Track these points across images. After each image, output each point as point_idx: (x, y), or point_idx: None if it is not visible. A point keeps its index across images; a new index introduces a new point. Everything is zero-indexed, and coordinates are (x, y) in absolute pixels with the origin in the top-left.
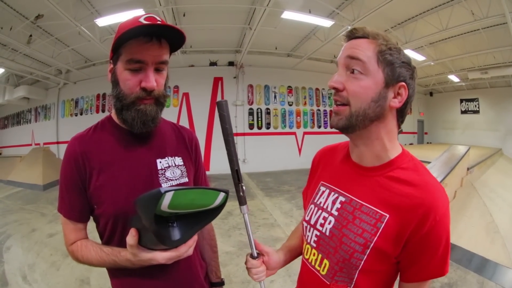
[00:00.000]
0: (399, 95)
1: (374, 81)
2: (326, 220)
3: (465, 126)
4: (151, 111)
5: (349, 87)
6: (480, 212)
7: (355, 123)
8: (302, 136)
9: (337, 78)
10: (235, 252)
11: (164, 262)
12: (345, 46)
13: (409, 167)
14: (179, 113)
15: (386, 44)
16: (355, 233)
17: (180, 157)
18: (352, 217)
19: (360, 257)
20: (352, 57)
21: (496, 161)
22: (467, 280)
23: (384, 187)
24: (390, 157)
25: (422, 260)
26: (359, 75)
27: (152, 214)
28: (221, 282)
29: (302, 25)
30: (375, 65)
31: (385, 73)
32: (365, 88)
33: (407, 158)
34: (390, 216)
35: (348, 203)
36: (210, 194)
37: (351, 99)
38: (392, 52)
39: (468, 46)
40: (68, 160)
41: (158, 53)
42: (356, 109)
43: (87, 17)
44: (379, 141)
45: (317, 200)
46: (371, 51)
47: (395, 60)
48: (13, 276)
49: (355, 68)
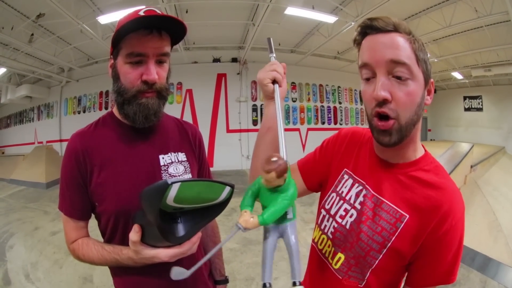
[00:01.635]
0: (429, 91)
1: (418, 84)
2: (348, 213)
3: (468, 123)
4: (153, 104)
5: (398, 96)
6: (483, 210)
7: (405, 134)
8: (306, 132)
9: (384, 86)
10: (239, 249)
11: (167, 260)
12: (376, 44)
13: (431, 169)
14: (183, 110)
15: (415, 38)
16: (374, 230)
17: (183, 153)
18: (372, 214)
19: (375, 256)
20: (397, 62)
21: (499, 159)
22: (470, 279)
23: (405, 186)
24: (416, 156)
25: (432, 263)
26: (406, 81)
27: (158, 206)
28: (225, 279)
29: (306, 21)
30: (416, 66)
31: (423, 73)
32: (413, 95)
33: (429, 160)
34: (410, 217)
35: (369, 198)
36: (216, 187)
37: (401, 111)
38: (423, 48)
39: (471, 43)
40: (69, 157)
41: (158, 45)
42: (406, 121)
43: (89, 15)
44: (413, 142)
45: (339, 189)
46: (409, 50)
47: (426, 56)
48: (16, 274)
49: (402, 75)
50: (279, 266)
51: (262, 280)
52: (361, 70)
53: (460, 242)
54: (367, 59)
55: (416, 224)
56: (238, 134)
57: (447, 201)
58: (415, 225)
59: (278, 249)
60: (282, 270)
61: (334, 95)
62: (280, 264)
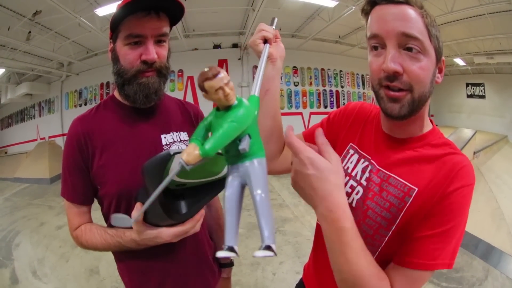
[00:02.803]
0: (440, 69)
1: (431, 60)
2: (354, 190)
3: (471, 110)
4: (153, 83)
5: (411, 70)
6: (486, 198)
7: (416, 109)
8: (308, 116)
9: (394, 59)
10: (244, 234)
11: (170, 240)
12: (387, 14)
13: (439, 144)
14: (184, 97)
15: (428, 13)
16: (382, 206)
17: (186, 132)
18: (379, 189)
19: (384, 234)
20: (409, 35)
21: (502, 147)
22: (473, 266)
23: (413, 160)
24: (423, 131)
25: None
26: (418, 55)
27: (160, 179)
28: (230, 263)
29: (306, 5)
30: (428, 41)
31: (435, 50)
32: (426, 70)
33: (438, 135)
34: (419, 190)
35: (375, 173)
36: (219, 159)
37: (415, 84)
38: (434, 24)
39: (473, 30)
40: (70, 141)
41: (157, 26)
42: (420, 94)
43: (86, 8)
44: (421, 118)
45: (344, 165)
46: (422, 24)
47: (438, 33)
48: (23, 272)
49: (414, 47)
50: (284, 250)
51: (224, 242)
52: (369, 41)
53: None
54: (377, 30)
55: (426, 197)
56: None
57: (457, 167)
58: (425, 198)
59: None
60: (287, 254)
61: (336, 79)
62: (285, 248)
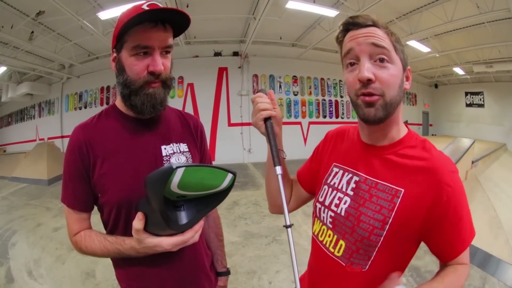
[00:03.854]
0: (407, 78)
1: (398, 68)
2: (342, 200)
3: (469, 119)
4: (159, 94)
5: (381, 77)
6: (484, 206)
7: (389, 111)
8: (307, 125)
9: (368, 69)
10: (241, 242)
11: (169, 249)
12: (359, 34)
13: (417, 144)
14: (184, 104)
15: (392, 32)
16: (373, 210)
17: (185, 144)
18: (369, 195)
19: (379, 233)
20: (378, 45)
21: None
22: (470, 275)
23: (396, 164)
24: (400, 136)
25: (454, 231)
26: (387, 64)
27: (162, 192)
28: (226, 271)
29: (307, 15)
30: (394, 53)
31: (401, 60)
32: (395, 77)
33: (414, 137)
34: (406, 190)
35: (363, 182)
36: (218, 174)
37: (385, 89)
38: (399, 40)
39: (473, 39)
40: (72, 149)
41: (164, 38)
42: (391, 98)
43: (89, 11)
44: (396, 123)
45: (330, 181)
46: (388, 40)
47: (402, 48)
48: (19, 272)
49: (383, 56)
50: (281, 259)
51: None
52: (345, 58)
53: (466, 200)
54: (351, 46)
55: (413, 196)
56: (240, 127)
57: (439, 167)
58: (412, 197)
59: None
60: (283, 263)
61: (335, 88)
62: (281, 257)
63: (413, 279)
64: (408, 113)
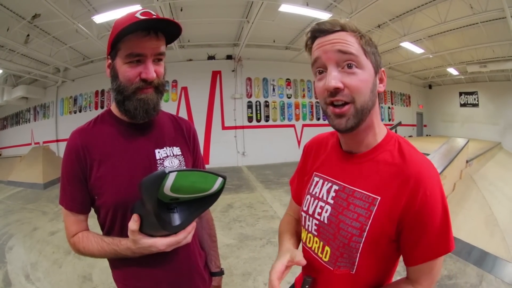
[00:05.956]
0: (381, 80)
1: (368, 73)
2: (323, 209)
3: (464, 119)
4: (152, 99)
5: (350, 83)
6: (479, 205)
7: (361, 118)
8: (301, 128)
9: (335, 77)
10: (235, 245)
11: (163, 249)
12: (325, 41)
13: (394, 148)
14: (178, 107)
15: (362, 34)
16: (351, 218)
17: (178, 147)
18: (347, 204)
19: (358, 240)
20: (345, 52)
21: (495, 154)
22: (466, 273)
23: (373, 171)
24: (377, 140)
25: (423, 239)
26: (356, 70)
27: (156, 195)
28: (220, 271)
29: (300, 18)
30: (364, 57)
31: (372, 63)
32: (365, 82)
33: (392, 139)
34: (382, 198)
35: (341, 190)
36: (209, 178)
37: (355, 95)
38: (370, 42)
39: (467, 39)
40: (69, 153)
41: (156, 46)
42: (361, 104)
43: (84, 14)
44: (372, 128)
45: (312, 191)
46: (356, 44)
47: (374, 50)
48: (16, 275)
49: (351, 63)
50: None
51: None
52: (313, 67)
53: (444, 209)
54: (318, 54)
55: (389, 203)
56: (234, 131)
57: (414, 173)
58: (388, 205)
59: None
60: None
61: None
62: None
63: None
64: (402, 114)
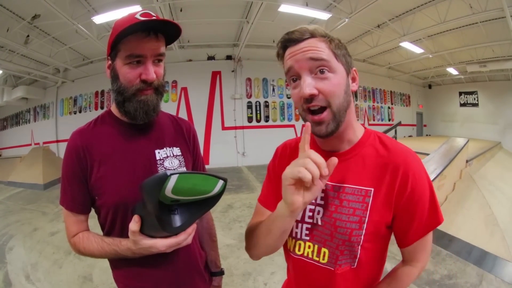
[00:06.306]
0: (354, 79)
1: (341, 75)
2: (314, 211)
3: (464, 119)
4: (152, 101)
5: (324, 88)
6: (479, 205)
7: (340, 120)
8: (301, 128)
9: (309, 84)
10: (235, 245)
11: (164, 250)
12: (297, 50)
13: (376, 142)
14: (178, 108)
15: (331, 39)
16: (348, 214)
17: (178, 148)
18: (339, 201)
19: (359, 233)
20: (316, 59)
21: (495, 154)
22: (466, 272)
23: (360, 166)
24: (358, 137)
25: (416, 218)
26: (328, 74)
27: (157, 196)
28: (220, 271)
29: (300, 18)
30: (335, 61)
31: (344, 65)
32: (338, 85)
33: (371, 135)
34: (375, 189)
35: (330, 190)
36: (210, 180)
37: (330, 99)
38: (340, 45)
39: (466, 39)
40: (70, 153)
41: (155, 47)
42: (337, 107)
43: (84, 15)
44: (350, 126)
45: None
46: (327, 48)
47: (344, 51)
48: (16, 276)
49: (323, 68)
50: (276, 261)
51: None
52: (287, 76)
53: (430, 187)
54: (291, 64)
55: (384, 192)
56: (234, 131)
57: (402, 162)
58: (383, 194)
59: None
60: (278, 265)
61: None
62: (276, 258)
63: None
64: (402, 114)
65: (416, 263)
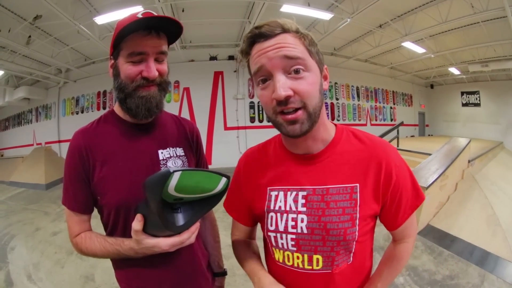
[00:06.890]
0: (325, 77)
1: (316, 74)
2: (297, 220)
3: (466, 118)
4: (155, 97)
5: (300, 89)
6: (481, 205)
7: (314, 120)
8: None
9: (284, 85)
10: None
11: (167, 249)
12: (268, 47)
13: (350, 137)
14: (180, 108)
15: (304, 34)
16: (337, 214)
17: (181, 148)
18: (325, 204)
19: (353, 231)
20: (291, 57)
21: (497, 154)
22: (468, 273)
23: (340, 163)
24: (332, 135)
25: (403, 201)
26: (304, 73)
27: (160, 194)
28: (223, 271)
29: (302, 18)
30: (310, 59)
31: (317, 63)
32: (313, 84)
33: (344, 131)
34: (361, 184)
35: (311, 194)
36: (213, 177)
37: (307, 100)
38: (313, 41)
39: (468, 39)
40: (72, 153)
41: (157, 44)
42: (313, 107)
43: (85, 15)
44: (323, 125)
45: (274, 207)
46: (301, 46)
47: (317, 48)
48: (18, 276)
49: (299, 67)
50: None
51: None
52: (255, 76)
53: (409, 171)
54: (261, 62)
55: (370, 186)
56: (236, 131)
57: (382, 154)
58: (369, 187)
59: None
60: None
61: (331, 91)
62: None
63: (410, 278)
64: (404, 114)
65: (408, 238)
